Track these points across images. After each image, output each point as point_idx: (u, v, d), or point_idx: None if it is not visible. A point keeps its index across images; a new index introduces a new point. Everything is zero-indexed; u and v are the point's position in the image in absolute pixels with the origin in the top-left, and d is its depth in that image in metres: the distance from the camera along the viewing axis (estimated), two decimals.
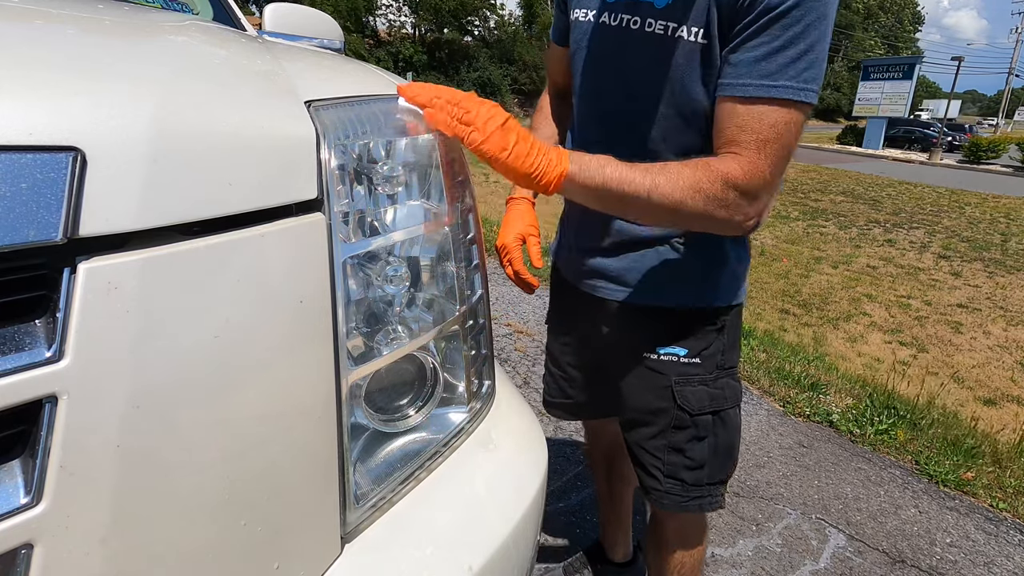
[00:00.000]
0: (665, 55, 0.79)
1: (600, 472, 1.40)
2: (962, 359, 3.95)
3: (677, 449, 0.96)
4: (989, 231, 8.37)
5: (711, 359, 0.95)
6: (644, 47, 0.81)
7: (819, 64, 0.72)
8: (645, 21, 0.80)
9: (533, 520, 0.70)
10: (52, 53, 0.46)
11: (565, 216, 1.07)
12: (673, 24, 0.77)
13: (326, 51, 1.05)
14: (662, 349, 0.95)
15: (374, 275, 0.60)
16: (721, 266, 0.93)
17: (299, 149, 0.51)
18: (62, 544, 0.37)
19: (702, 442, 0.95)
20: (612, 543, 1.49)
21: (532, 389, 2.44)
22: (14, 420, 0.37)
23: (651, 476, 1.00)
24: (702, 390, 0.94)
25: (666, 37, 0.78)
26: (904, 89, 23.13)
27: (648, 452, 0.99)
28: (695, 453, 0.96)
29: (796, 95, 0.71)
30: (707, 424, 0.95)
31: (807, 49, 0.71)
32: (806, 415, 2.44)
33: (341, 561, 0.54)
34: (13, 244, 0.35)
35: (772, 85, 0.71)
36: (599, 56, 0.87)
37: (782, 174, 0.75)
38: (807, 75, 0.72)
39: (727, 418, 0.96)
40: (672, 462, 0.97)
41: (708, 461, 0.96)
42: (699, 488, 0.98)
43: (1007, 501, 1.94)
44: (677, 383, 0.94)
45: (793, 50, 0.70)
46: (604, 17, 0.84)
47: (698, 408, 0.94)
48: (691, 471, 0.97)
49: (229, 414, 0.45)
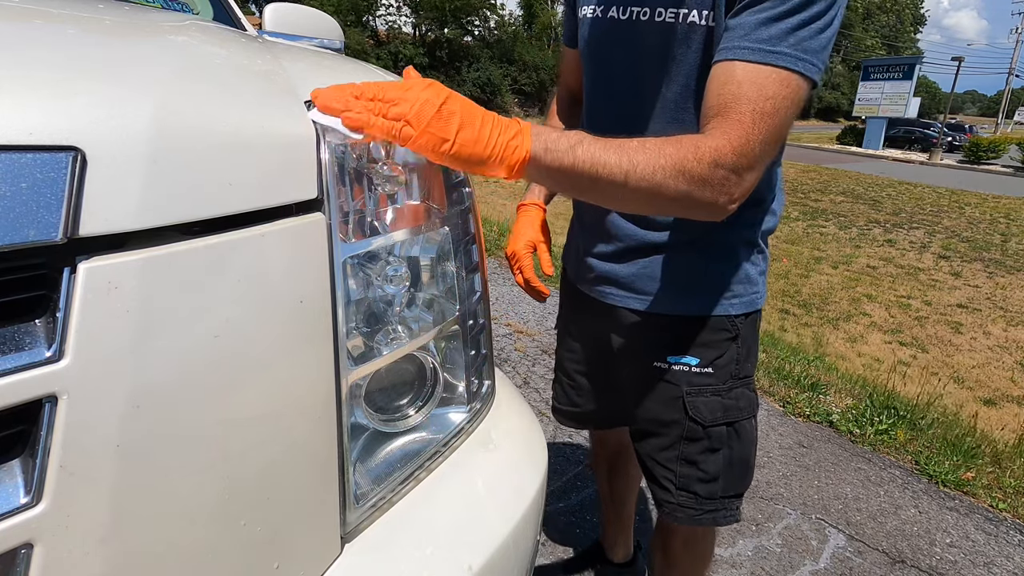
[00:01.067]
0: (678, 44, 0.77)
1: (602, 473, 1.39)
2: (962, 359, 3.95)
3: (690, 461, 0.93)
4: (989, 231, 8.37)
5: (724, 369, 0.91)
6: (656, 38, 0.78)
7: (823, 37, 0.68)
8: (655, 11, 0.77)
9: (533, 520, 0.70)
10: (52, 53, 0.46)
11: (575, 220, 1.05)
12: (684, 10, 0.75)
13: (326, 51, 1.05)
14: (673, 358, 0.91)
15: (374, 275, 0.60)
16: (734, 271, 0.90)
17: (299, 149, 0.51)
18: (62, 544, 0.37)
19: (716, 454, 0.92)
20: (612, 543, 1.49)
21: (532, 389, 2.44)
22: (14, 420, 0.37)
23: (663, 489, 0.96)
24: (715, 401, 0.91)
25: (677, 24, 0.76)
26: (904, 89, 23.12)
27: (660, 464, 0.96)
28: (709, 466, 0.92)
29: (796, 64, 0.66)
30: (721, 436, 0.92)
31: (812, 18, 0.66)
32: (806, 415, 2.44)
33: (341, 561, 0.54)
34: (13, 244, 0.35)
35: (771, 51, 0.66)
36: (610, 51, 0.85)
37: (772, 155, 0.70)
38: (809, 45, 0.67)
39: (742, 430, 0.93)
40: (685, 474, 0.94)
41: (723, 474, 0.93)
42: (713, 501, 0.94)
43: (1007, 501, 1.94)
44: (688, 394, 0.91)
45: (797, 17, 0.66)
46: (612, 11, 0.82)
47: (711, 420, 0.91)
48: (705, 484, 0.93)
49: (229, 414, 0.45)
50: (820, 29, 0.67)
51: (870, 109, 24.39)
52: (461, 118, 0.57)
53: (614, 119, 0.87)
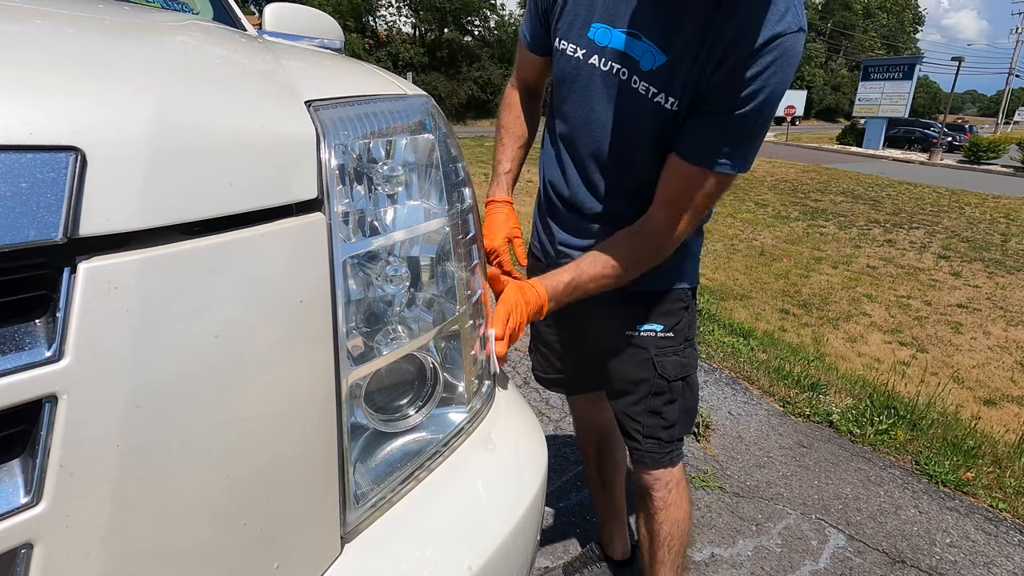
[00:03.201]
0: (644, 112, 0.90)
1: (590, 458, 1.45)
2: (962, 359, 3.95)
3: (655, 412, 1.10)
4: (989, 231, 8.37)
5: (681, 333, 1.10)
6: (628, 99, 0.91)
7: (761, 137, 0.88)
8: (631, 77, 0.90)
9: (533, 520, 0.70)
10: (52, 53, 0.46)
11: (538, 208, 1.17)
12: (654, 89, 0.88)
13: (326, 51, 1.05)
14: (642, 327, 1.09)
15: (374, 275, 0.60)
16: (686, 254, 1.08)
17: (299, 149, 0.51)
18: (62, 544, 0.37)
19: (674, 404, 1.10)
20: (610, 539, 1.50)
21: (532, 389, 2.44)
22: (14, 420, 0.37)
23: (633, 439, 1.13)
24: (675, 359, 1.09)
25: (646, 98, 0.89)
26: (904, 89, 23.11)
27: (630, 417, 1.13)
28: (669, 414, 1.10)
29: (735, 170, 0.87)
30: (678, 388, 1.09)
31: (757, 129, 0.85)
32: (806, 415, 2.44)
33: (341, 561, 0.54)
34: (13, 244, 0.35)
35: (718, 161, 0.86)
36: (590, 96, 0.96)
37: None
38: (748, 149, 0.87)
39: (691, 382, 1.12)
40: (650, 424, 1.11)
41: (678, 420, 1.11)
42: (671, 444, 1.13)
43: (1007, 501, 1.94)
44: (656, 355, 1.08)
45: (746, 132, 0.85)
46: (594, 59, 0.93)
47: (674, 375, 1.08)
48: (666, 430, 1.11)
49: (229, 414, 0.45)
50: (757, 143, 0.88)
51: (870, 109, 24.38)
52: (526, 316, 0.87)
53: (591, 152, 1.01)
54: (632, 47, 0.88)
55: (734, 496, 1.89)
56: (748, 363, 2.90)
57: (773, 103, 0.83)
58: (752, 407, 2.48)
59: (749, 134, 0.86)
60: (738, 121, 0.83)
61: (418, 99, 0.69)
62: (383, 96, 0.65)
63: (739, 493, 1.91)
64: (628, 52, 0.89)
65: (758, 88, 0.80)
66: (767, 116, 0.84)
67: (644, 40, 0.87)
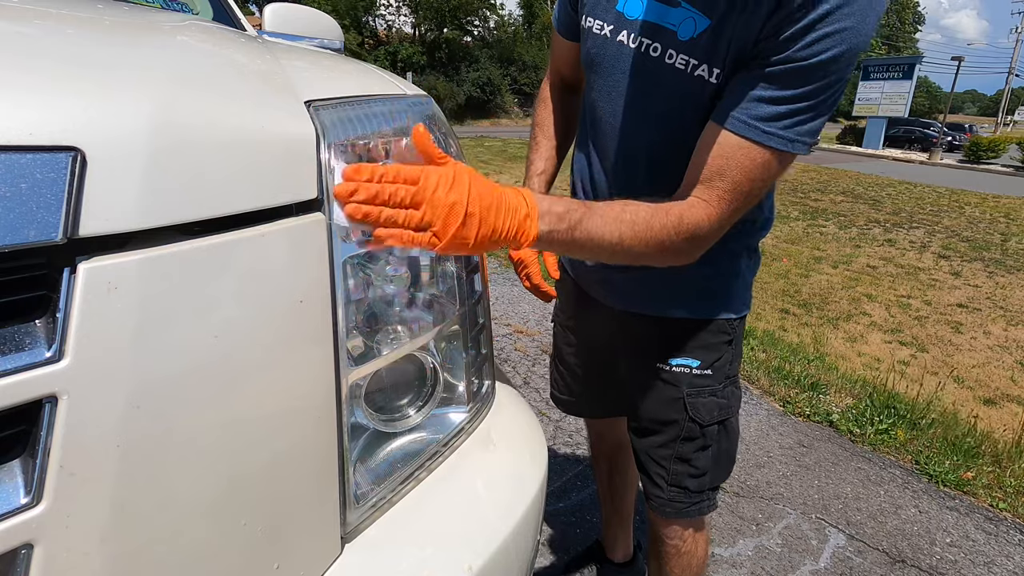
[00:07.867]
0: (684, 90, 0.76)
1: (602, 471, 1.40)
2: (962, 359, 3.95)
3: (684, 459, 0.95)
4: (989, 231, 8.37)
5: (721, 370, 0.93)
6: (664, 81, 0.77)
7: (820, 121, 0.69)
8: (666, 52, 0.76)
9: (533, 520, 0.70)
10: (52, 53, 0.46)
11: None
12: (694, 61, 0.74)
13: (326, 51, 1.05)
14: (674, 360, 0.93)
15: (374, 275, 0.60)
16: (734, 278, 0.92)
17: (299, 149, 0.51)
18: (62, 544, 0.37)
19: (707, 451, 0.94)
20: (612, 543, 1.49)
21: (532, 389, 2.44)
22: (14, 420, 0.37)
23: (655, 485, 0.98)
24: (712, 401, 0.93)
25: (686, 74, 0.75)
26: (904, 89, 23.09)
27: (654, 461, 0.98)
28: (700, 462, 0.95)
29: (786, 146, 0.68)
30: (713, 434, 0.94)
31: (813, 107, 0.67)
32: (806, 415, 2.44)
33: (341, 561, 0.54)
34: (13, 244, 0.35)
35: (764, 131, 0.68)
36: (618, 78, 0.83)
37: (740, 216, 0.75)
38: (803, 128, 0.68)
39: (730, 426, 0.96)
40: (677, 471, 0.96)
41: (711, 469, 0.96)
42: (700, 494, 0.97)
43: (1007, 501, 1.94)
44: (689, 395, 0.92)
45: (799, 104, 0.67)
46: (623, 36, 0.80)
47: (708, 419, 0.93)
48: (695, 479, 0.96)
49: (229, 414, 0.45)
50: (819, 115, 0.69)
51: (870, 109, 24.38)
52: (480, 218, 0.59)
53: (622, 149, 0.87)
54: (666, 16, 0.75)
55: (734, 496, 1.89)
56: (748, 363, 2.90)
57: (843, 60, 0.64)
58: (752, 407, 2.48)
59: (810, 98, 0.66)
60: (796, 78, 0.65)
61: (418, 99, 0.69)
62: (383, 96, 0.65)
63: (739, 493, 1.91)
64: (662, 23, 0.75)
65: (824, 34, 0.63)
66: (834, 78, 0.65)
67: (684, 4, 0.73)
